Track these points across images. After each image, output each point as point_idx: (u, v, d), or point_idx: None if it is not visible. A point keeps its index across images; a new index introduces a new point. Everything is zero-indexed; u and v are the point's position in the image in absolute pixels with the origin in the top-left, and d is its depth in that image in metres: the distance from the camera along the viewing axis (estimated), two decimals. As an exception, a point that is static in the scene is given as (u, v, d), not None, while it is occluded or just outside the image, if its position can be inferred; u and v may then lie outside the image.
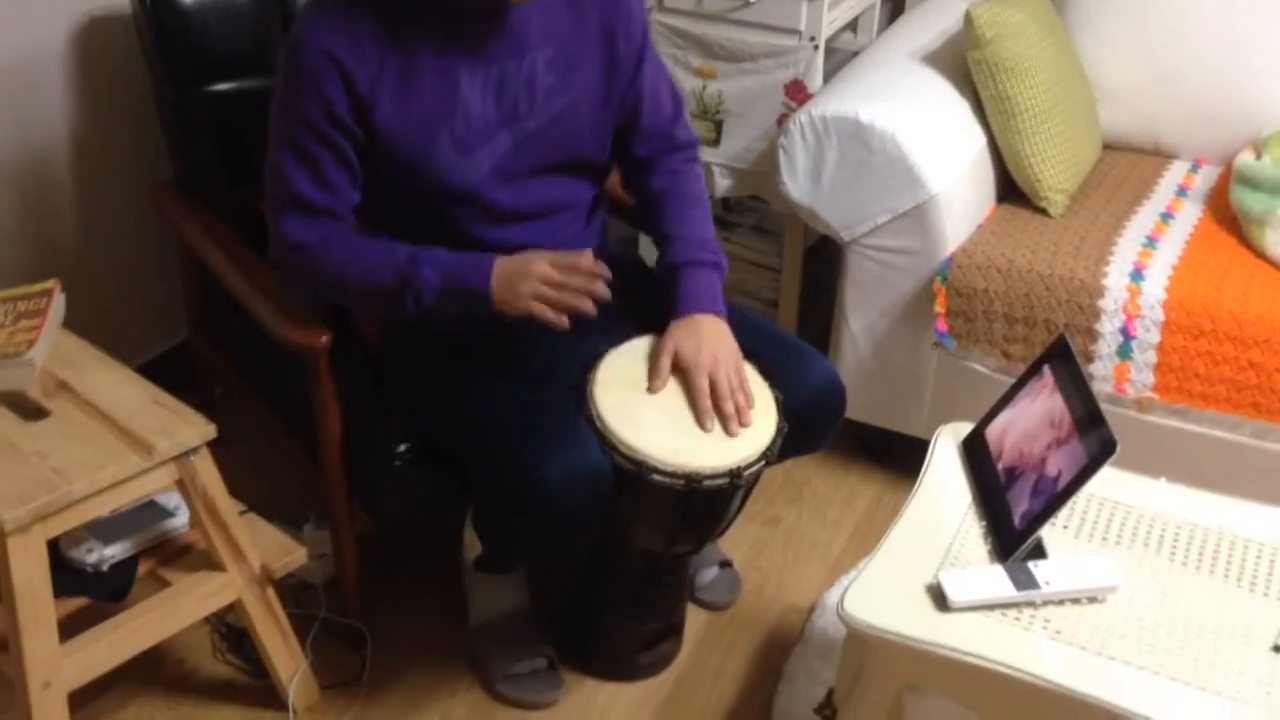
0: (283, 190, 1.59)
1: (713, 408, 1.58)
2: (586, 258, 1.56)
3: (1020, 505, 1.47)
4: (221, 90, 1.95)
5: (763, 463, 1.59)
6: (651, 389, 1.61)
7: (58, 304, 1.65)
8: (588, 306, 1.54)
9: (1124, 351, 1.96)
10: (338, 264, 1.60)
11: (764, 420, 1.62)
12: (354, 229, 1.63)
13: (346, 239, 1.61)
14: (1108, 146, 2.41)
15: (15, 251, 2.07)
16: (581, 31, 1.65)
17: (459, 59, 1.58)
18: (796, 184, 2.14)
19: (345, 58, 1.52)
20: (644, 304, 1.77)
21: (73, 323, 1.71)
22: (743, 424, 1.58)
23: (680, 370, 1.61)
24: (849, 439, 2.32)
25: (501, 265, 1.57)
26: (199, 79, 1.93)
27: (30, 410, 1.53)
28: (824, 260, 2.58)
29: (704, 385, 1.58)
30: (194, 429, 1.51)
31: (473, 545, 1.81)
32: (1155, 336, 1.93)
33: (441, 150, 1.59)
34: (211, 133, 1.96)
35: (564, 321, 1.54)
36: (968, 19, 2.09)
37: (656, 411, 1.59)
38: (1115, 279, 1.96)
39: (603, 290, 1.56)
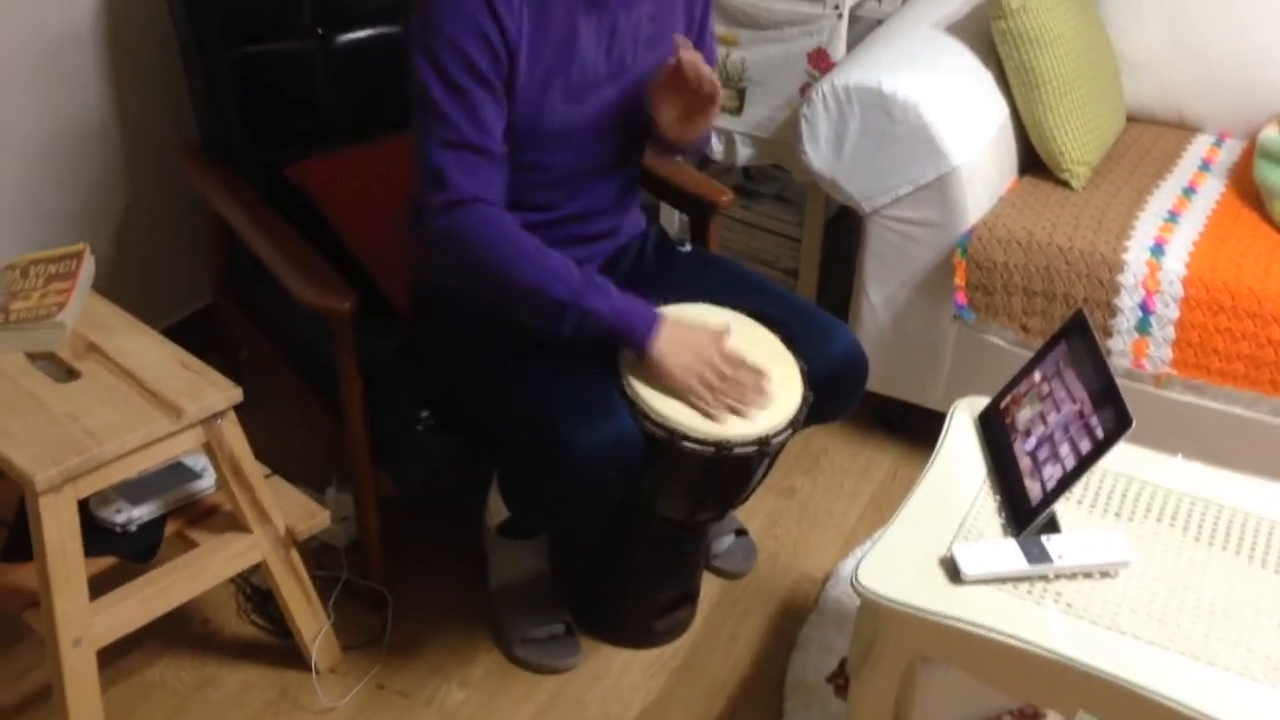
0: (441, 131, 1.53)
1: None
2: (756, 367, 1.60)
3: (1034, 479, 1.48)
4: (248, 53, 1.96)
5: (790, 431, 1.61)
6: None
7: (87, 266, 1.67)
8: (744, 413, 1.57)
9: (1143, 327, 1.96)
10: (510, 249, 1.56)
11: (790, 388, 1.63)
12: (507, 199, 1.60)
13: (517, 225, 1.58)
14: (1131, 119, 2.40)
15: (45, 215, 2.09)
16: None
17: (580, 8, 1.58)
18: (818, 154, 2.14)
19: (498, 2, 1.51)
20: (671, 277, 1.78)
21: (102, 286, 1.73)
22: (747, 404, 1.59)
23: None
24: (866, 410, 2.33)
25: (671, 329, 1.57)
26: (225, 41, 1.94)
27: (61, 372, 1.56)
28: (845, 230, 2.58)
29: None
30: (221, 392, 1.54)
31: (496, 510, 1.84)
32: (1174, 312, 1.93)
33: (552, 100, 1.59)
34: (238, 96, 1.97)
35: (719, 418, 1.56)
36: (993, -11, 2.08)
37: None
38: (1136, 254, 1.96)
39: (766, 398, 1.59)
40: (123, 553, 1.61)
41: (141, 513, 1.63)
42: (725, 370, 1.58)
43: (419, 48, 1.54)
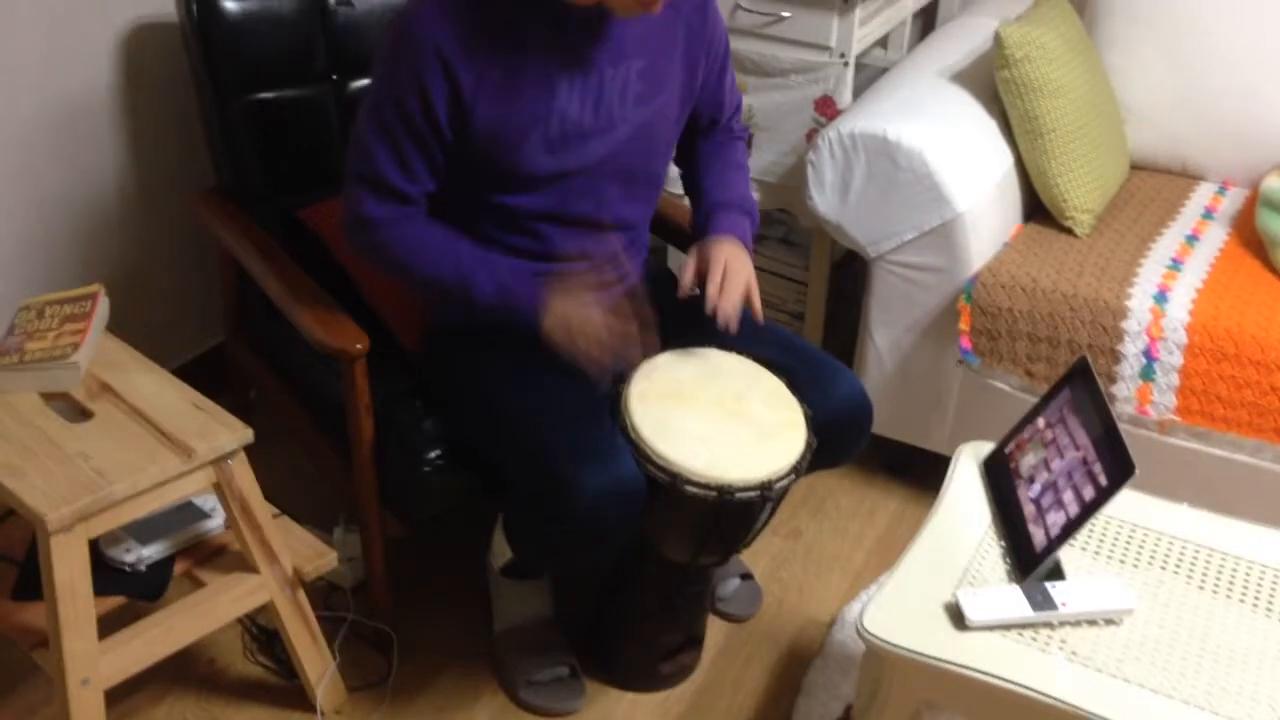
0: (366, 167, 1.62)
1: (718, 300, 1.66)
2: (639, 311, 1.65)
3: (1039, 526, 1.49)
4: (263, 99, 1.99)
5: (793, 476, 1.62)
6: (680, 294, 1.69)
7: (102, 308, 1.69)
8: (636, 359, 1.64)
9: (1147, 373, 1.97)
10: (405, 248, 1.66)
11: (794, 434, 1.64)
12: (425, 213, 1.68)
13: (416, 224, 1.67)
14: (1135, 167, 2.43)
15: (61, 255, 2.12)
16: (670, 47, 1.70)
17: (559, 65, 1.60)
18: (824, 199, 2.16)
19: (454, 59, 1.54)
20: (675, 317, 1.80)
21: (116, 325, 1.75)
22: (731, 330, 1.66)
23: (700, 269, 1.69)
24: (872, 453, 2.34)
25: (557, 303, 1.63)
26: (242, 87, 1.97)
27: (75, 412, 1.57)
28: (850, 274, 2.60)
29: (719, 274, 1.67)
30: (232, 433, 1.55)
31: (501, 552, 1.84)
32: (1178, 359, 1.94)
33: (531, 149, 1.63)
34: (252, 140, 2.00)
35: (607, 380, 1.63)
36: (997, 39, 2.11)
37: (689, 424, 1.62)
38: (1139, 301, 1.98)
39: (654, 344, 1.66)
40: (131, 592, 1.62)
41: (151, 552, 1.64)
42: (606, 337, 1.62)
43: (371, 82, 1.63)
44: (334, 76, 2.07)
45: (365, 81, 2.09)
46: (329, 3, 2.04)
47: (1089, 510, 1.42)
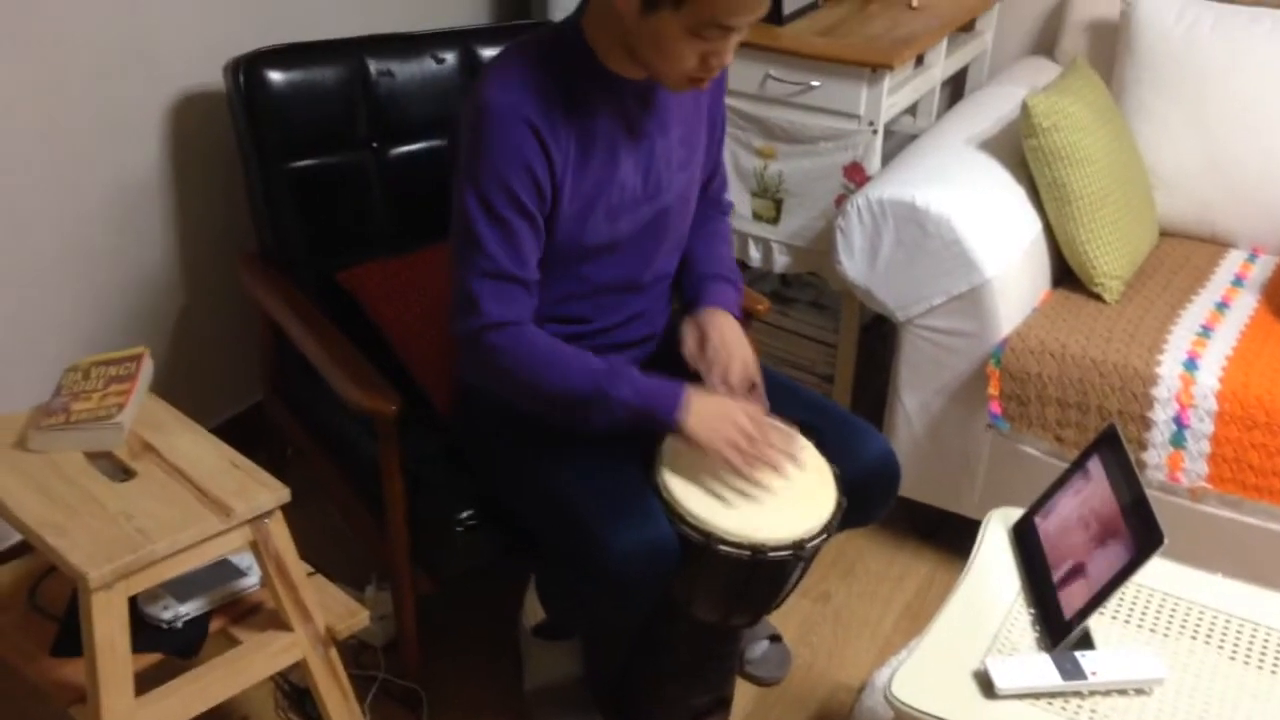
0: (478, 260, 1.57)
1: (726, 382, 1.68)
2: (785, 428, 1.68)
3: (1068, 594, 1.49)
4: (306, 166, 2.05)
5: (825, 536, 1.63)
6: (689, 363, 1.71)
7: (146, 369, 1.73)
8: (782, 470, 1.62)
9: (1177, 440, 1.97)
10: (534, 358, 1.61)
11: (824, 493, 1.66)
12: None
13: (539, 333, 1.62)
14: (1164, 233, 2.44)
15: (108, 316, 2.17)
16: (697, 111, 1.75)
17: (621, 135, 1.64)
18: (853, 264, 2.19)
19: (542, 129, 1.54)
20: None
21: (157, 383, 1.79)
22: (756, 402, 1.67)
23: (704, 362, 1.70)
24: (901, 517, 2.34)
25: (698, 402, 1.61)
26: (285, 155, 2.03)
27: (118, 471, 1.61)
28: (879, 336, 2.62)
29: (720, 360, 1.69)
30: (270, 492, 1.58)
31: (533, 611, 1.86)
32: (1209, 427, 1.94)
33: (595, 220, 1.65)
34: (294, 206, 2.06)
35: (754, 476, 1.61)
36: (1024, 109, 2.14)
37: (721, 483, 1.63)
38: (1169, 367, 1.98)
39: (800, 459, 1.65)
40: (168, 649, 1.64)
41: (188, 609, 1.67)
42: (752, 431, 1.61)
43: (466, 177, 1.57)
44: (374, 144, 2.12)
45: (406, 148, 2.15)
46: (371, 72, 2.10)
47: (1118, 579, 1.42)
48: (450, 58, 2.19)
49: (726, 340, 1.72)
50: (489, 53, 2.21)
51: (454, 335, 1.63)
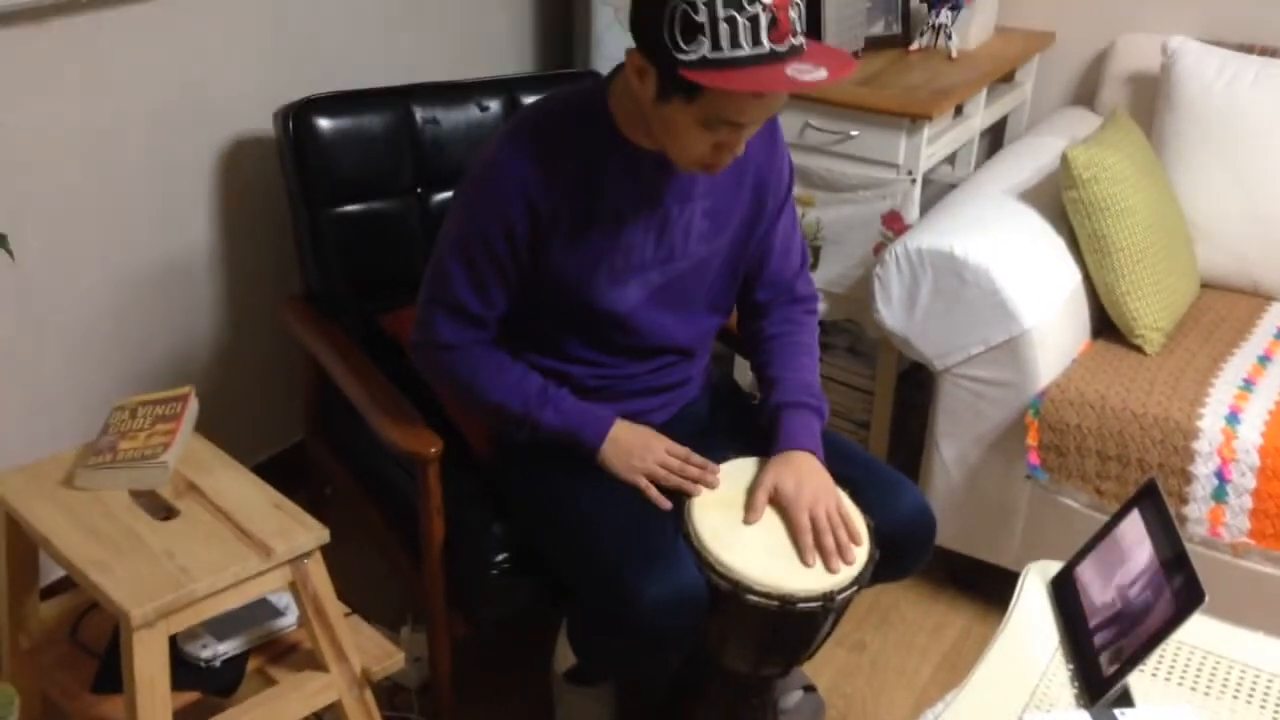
0: (443, 292, 1.69)
1: (814, 544, 1.62)
2: (701, 459, 1.71)
3: (1107, 650, 1.47)
4: (351, 211, 2.09)
5: (855, 588, 1.62)
6: (747, 521, 1.65)
7: (192, 409, 1.76)
8: (697, 490, 1.68)
9: (1219, 495, 1.95)
10: (474, 373, 1.71)
11: (859, 544, 1.65)
12: (494, 340, 1.74)
13: (488, 351, 1.72)
14: (1205, 285, 2.43)
15: (154, 354, 2.22)
16: (738, 184, 1.74)
17: (631, 201, 1.66)
18: (891, 312, 2.19)
19: (536, 193, 1.60)
20: (740, 426, 1.83)
21: (201, 422, 1.81)
22: (846, 561, 1.61)
23: (779, 505, 1.67)
24: (938, 566, 2.33)
25: (620, 433, 1.70)
26: (332, 200, 2.07)
27: (161, 509, 1.64)
28: (916, 384, 2.61)
29: (806, 522, 1.62)
30: (309, 533, 1.60)
31: (565, 657, 1.86)
32: (1251, 482, 1.92)
33: (599, 281, 1.68)
34: (339, 250, 2.09)
35: (665, 502, 1.67)
36: (1064, 160, 2.15)
37: (752, 532, 1.64)
38: (1210, 421, 1.97)
39: (714, 481, 1.69)
40: (207, 688, 1.65)
41: (226, 648, 1.68)
42: (671, 462, 1.69)
43: (452, 213, 1.68)
44: (419, 190, 2.16)
45: (449, 194, 2.18)
46: (417, 120, 2.14)
47: (1158, 637, 1.40)
48: (494, 105, 2.23)
49: (814, 509, 1.64)
50: (532, 100, 2.25)
51: (411, 342, 1.76)
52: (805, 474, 1.67)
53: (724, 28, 1.40)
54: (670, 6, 1.41)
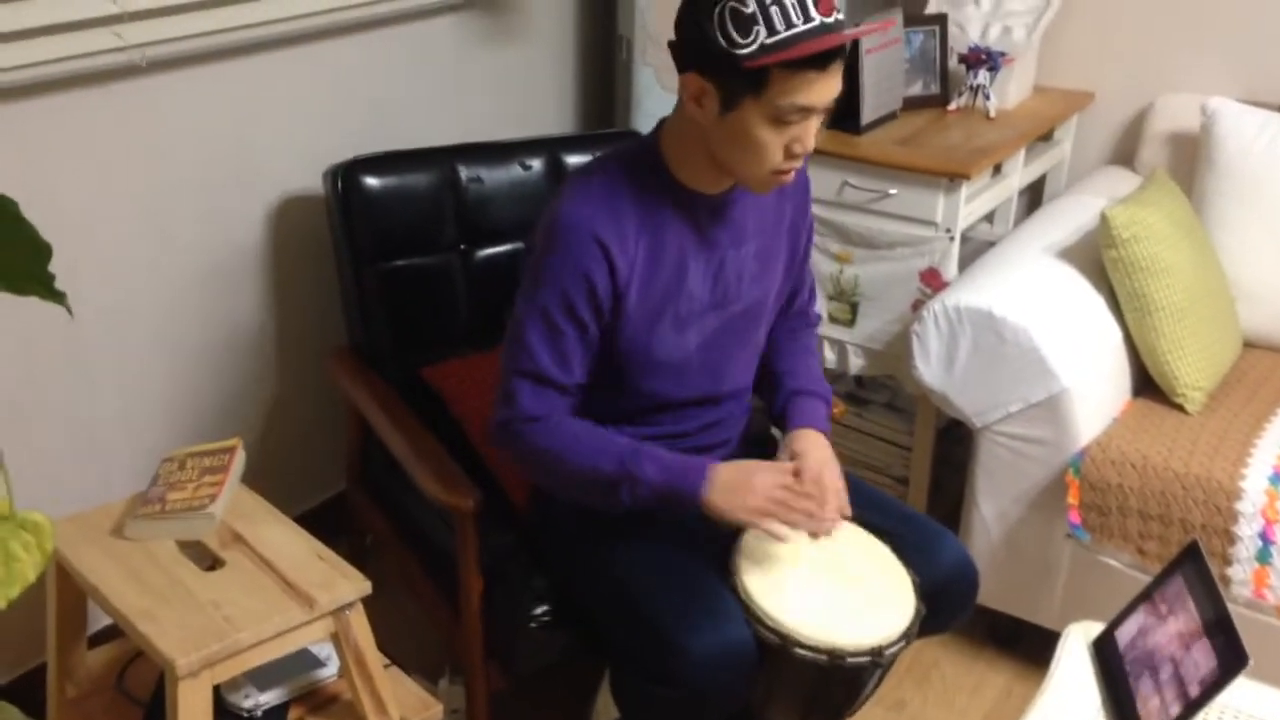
0: (524, 361, 1.64)
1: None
2: (810, 489, 1.66)
3: (1149, 713, 1.45)
4: (396, 266, 2.13)
5: (903, 643, 1.61)
6: (798, 479, 1.67)
7: (239, 461, 1.79)
8: (824, 529, 1.62)
9: (1263, 556, 1.93)
10: (563, 442, 1.65)
11: (903, 599, 1.65)
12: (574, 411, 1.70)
13: (571, 420, 1.68)
14: (1248, 345, 2.41)
15: (202, 408, 2.26)
16: (778, 225, 1.78)
17: (691, 246, 1.68)
18: (929, 369, 2.20)
19: (611, 244, 1.60)
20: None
21: (247, 472, 1.85)
22: (825, 529, 1.63)
23: (796, 469, 1.68)
24: (979, 625, 2.31)
25: (721, 473, 1.62)
26: (378, 255, 2.12)
27: (207, 559, 1.66)
28: (955, 440, 2.60)
29: (811, 488, 1.65)
30: (352, 584, 1.62)
31: (605, 710, 1.85)
32: (1296, 543, 1.90)
33: (663, 329, 1.69)
34: (384, 304, 2.13)
35: (790, 537, 1.61)
36: (1103, 220, 2.15)
37: (799, 586, 1.63)
38: (1254, 481, 1.95)
39: (838, 518, 1.65)
40: (248, 737, 1.68)
41: (268, 698, 1.70)
42: (780, 495, 1.61)
43: (528, 279, 1.65)
44: (462, 246, 2.20)
45: (492, 250, 2.22)
46: (461, 178, 2.19)
47: (1201, 700, 1.39)
48: (537, 164, 2.27)
49: (820, 474, 1.68)
50: (574, 159, 2.29)
51: (492, 422, 1.70)
52: (816, 446, 1.74)
53: (774, 11, 1.47)
54: (718, 9, 1.48)
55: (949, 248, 2.37)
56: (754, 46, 1.47)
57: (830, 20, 1.49)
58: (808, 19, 1.47)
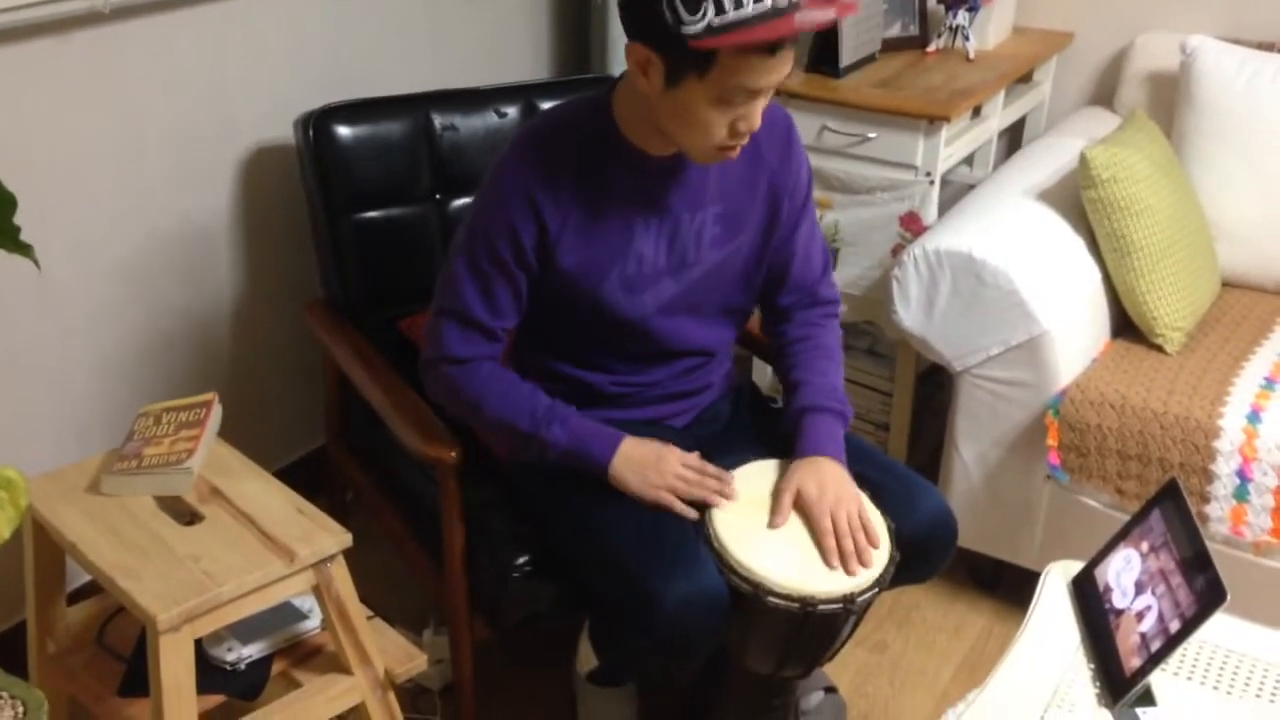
0: (452, 301, 1.69)
1: (835, 547, 1.62)
2: (715, 469, 1.68)
3: (1129, 649, 1.47)
4: (370, 217, 2.11)
5: (876, 590, 1.62)
6: (772, 525, 1.66)
7: (215, 415, 1.77)
8: (718, 502, 1.66)
9: (1240, 494, 1.94)
10: (482, 390, 1.70)
11: (878, 547, 1.66)
12: (504, 355, 1.73)
13: (496, 369, 1.71)
14: (1227, 284, 2.42)
15: (178, 362, 2.24)
16: (751, 190, 1.74)
17: (639, 208, 1.67)
18: (909, 314, 2.19)
19: (542, 200, 1.62)
20: (760, 427, 1.83)
21: (224, 428, 1.83)
22: (863, 564, 1.61)
23: (801, 509, 1.67)
24: (959, 567, 2.32)
25: (630, 449, 1.67)
26: (351, 207, 2.09)
27: (186, 515, 1.65)
28: (936, 384, 2.61)
29: (828, 525, 1.63)
30: (333, 537, 1.61)
31: (587, 658, 1.87)
32: (1273, 480, 1.91)
33: (610, 288, 1.69)
34: (359, 256, 2.11)
35: (692, 513, 1.65)
36: (1082, 160, 2.14)
37: (772, 534, 1.64)
38: (1232, 420, 1.96)
39: (731, 492, 1.67)
40: (232, 691, 1.67)
41: (251, 651, 1.70)
42: (688, 474, 1.65)
43: (464, 225, 1.68)
44: (437, 196, 2.18)
45: (467, 200, 2.20)
46: (435, 126, 2.16)
47: (1180, 636, 1.40)
48: (512, 111, 2.24)
49: (834, 512, 1.64)
50: (549, 105, 2.26)
51: (419, 360, 1.74)
52: (828, 478, 1.67)
53: None
54: None
55: (929, 191, 2.36)
56: (701, 25, 1.43)
57: (784, 3, 1.43)
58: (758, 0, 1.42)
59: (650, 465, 1.67)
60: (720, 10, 1.42)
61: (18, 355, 1.98)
